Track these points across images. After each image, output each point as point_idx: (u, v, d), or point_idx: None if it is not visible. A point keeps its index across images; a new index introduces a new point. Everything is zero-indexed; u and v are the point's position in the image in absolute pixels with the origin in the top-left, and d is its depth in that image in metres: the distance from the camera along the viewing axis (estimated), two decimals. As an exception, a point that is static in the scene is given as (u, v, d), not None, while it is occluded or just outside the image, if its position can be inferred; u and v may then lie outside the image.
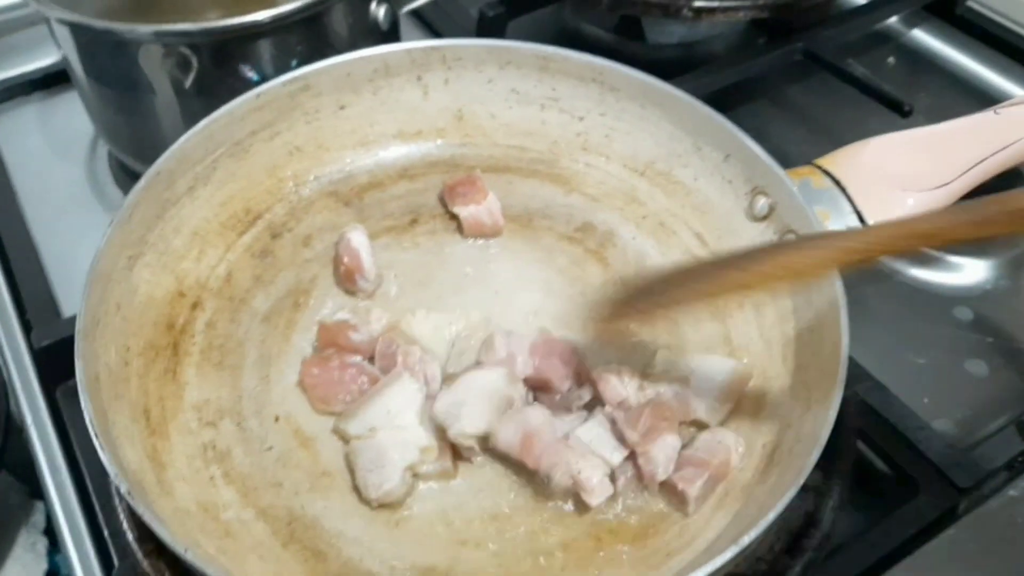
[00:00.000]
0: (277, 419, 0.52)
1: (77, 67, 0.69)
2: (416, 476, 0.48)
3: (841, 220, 0.55)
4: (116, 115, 0.71)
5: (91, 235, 0.52)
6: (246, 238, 0.60)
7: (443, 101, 0.65)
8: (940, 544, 0.51)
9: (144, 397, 0.49)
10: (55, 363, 0.59)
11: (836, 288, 0.49)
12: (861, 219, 0.54)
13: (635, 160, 0.63)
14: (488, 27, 0.84)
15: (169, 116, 0.53)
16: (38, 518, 0.71)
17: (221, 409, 0.52)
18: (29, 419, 0.60)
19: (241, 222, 0.60)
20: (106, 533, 0.52)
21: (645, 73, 0.61)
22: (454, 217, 0.62)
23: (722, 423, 0.51)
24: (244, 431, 0.51)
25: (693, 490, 0.46)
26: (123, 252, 0.52)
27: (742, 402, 0.52)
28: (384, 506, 0.48)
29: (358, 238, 0.57)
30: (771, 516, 0.39)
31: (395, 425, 0.48)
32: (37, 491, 0.72)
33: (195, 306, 0.56)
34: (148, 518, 0.39)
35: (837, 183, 0.55)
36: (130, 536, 0.42)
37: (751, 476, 0.49)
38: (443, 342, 0.54)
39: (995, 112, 0.65)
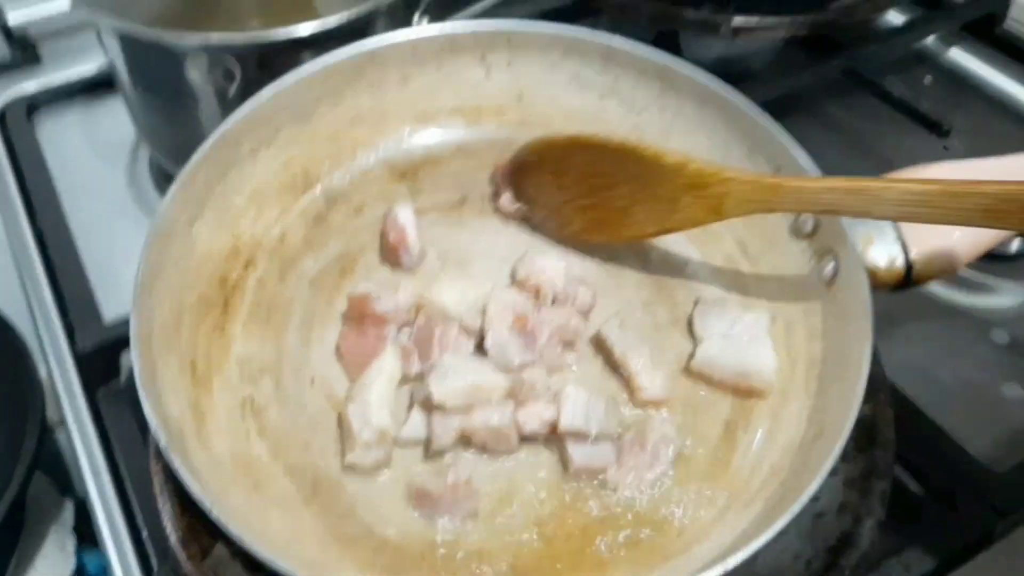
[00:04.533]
0: (313, 381, 0.55)
1: (123, 73, 0.71)
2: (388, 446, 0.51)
3: (884, 247, 0.54)
4: (160, 121, 0.74)
5: (132, 239, 0.53)
6: (302, 201, 0.62)
7: (505, 81, 0.66)
8: (977, 566, 0.52)
9: (193, 350, 0.53)
10: (97, 366, 0.63)
11: (866, 311, 0.50)
12: (904, 248, 0.54)
13: (687, 160, 0.63)
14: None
15: (212, 123, 0.56)
16: (67, 516, 0.74)
17: (263, 366, 0.55)
18: (71, 420, 0.64)
19: (299, 185, 0.62)
20: (145, 535, 0.56)
21: (708, 74, 0.61)
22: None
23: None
24: (281, 389, 0.54)
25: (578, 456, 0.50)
26: (185, 211, 0.55)
27: (757, 416, 0.53)
28: (400, 477, 0.51)
29: (405, 214, 0.59)
30: (756, 545, 0.41)
31: (361, 399, 0.50)
32: (66, 488, 0.76)
33: (248, 264, 0.59)
34: (181, 471, 0.43)
35: (887, 207, 0.55)
36: (172, 538, 0.45)
37: (756, 491, 0.50)
38: (471, 307, 0.56)
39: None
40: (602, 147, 0.57)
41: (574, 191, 0.59)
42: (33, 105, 0.90)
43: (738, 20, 0.80)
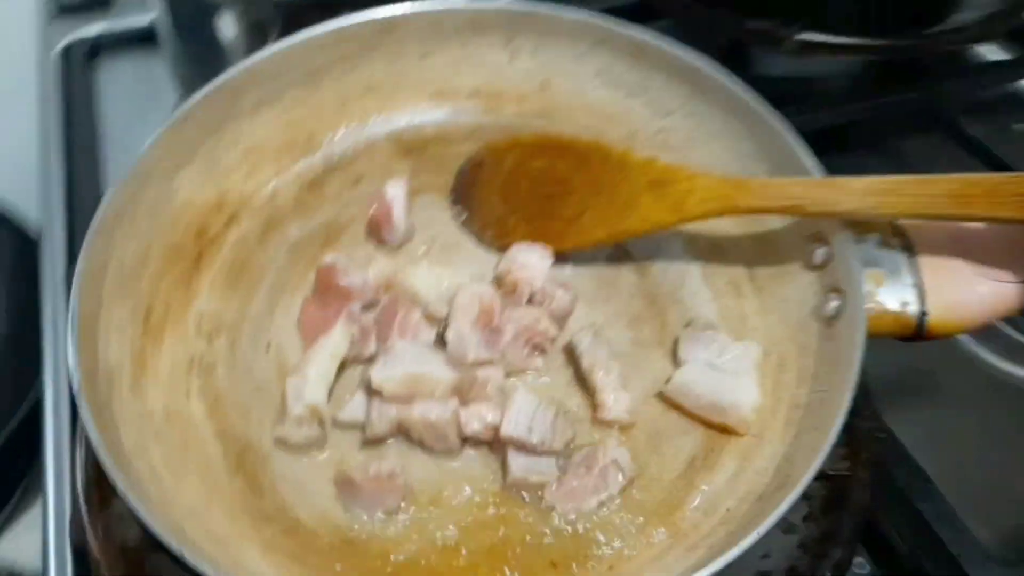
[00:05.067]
0: (268, 348, 0.53)
1: (164, 26, 0.72)
2: (320, 424, 0.48)
3: (897, 290, 0.48)
4: (195, 75, 0.72)
5: None
6: (300, 165, 0.61)
7: (529, 68, 0.63)
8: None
9: (152, 297, 0.52)
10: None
11: (856, 356, 0.44)
12: (921, 294, 0.48)
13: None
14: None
15: None
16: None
17: (221, 325, 0.53)
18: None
19: (300, 148, 0.61)
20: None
21: (738, 81, 0.56)
22: (507, 188, 0.60)
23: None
24: (235, 352, 0.53)
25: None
26: (169, 156, 0.54)
27: (726, 456, 0.49)
28: (333, 462, 0.48)
29: (395, 190, 0.57)
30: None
31: (300, 372, 0.48)
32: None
33: (231, 220, 0.57)
34: (85, 415, 0.41)
35: (909, 248, 0.49)
36: (80, 481, 0.44)
37: (703, 537, 0.45)
38: (442, 296, 0.53)
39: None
40: (569, 147, 0.56)
41: (523, 200, 0.57)
42: (96, 47, 0.92)
43: (804, 35, 0.74)
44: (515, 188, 0.57)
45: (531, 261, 0.54)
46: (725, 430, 0.50)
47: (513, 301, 0.53)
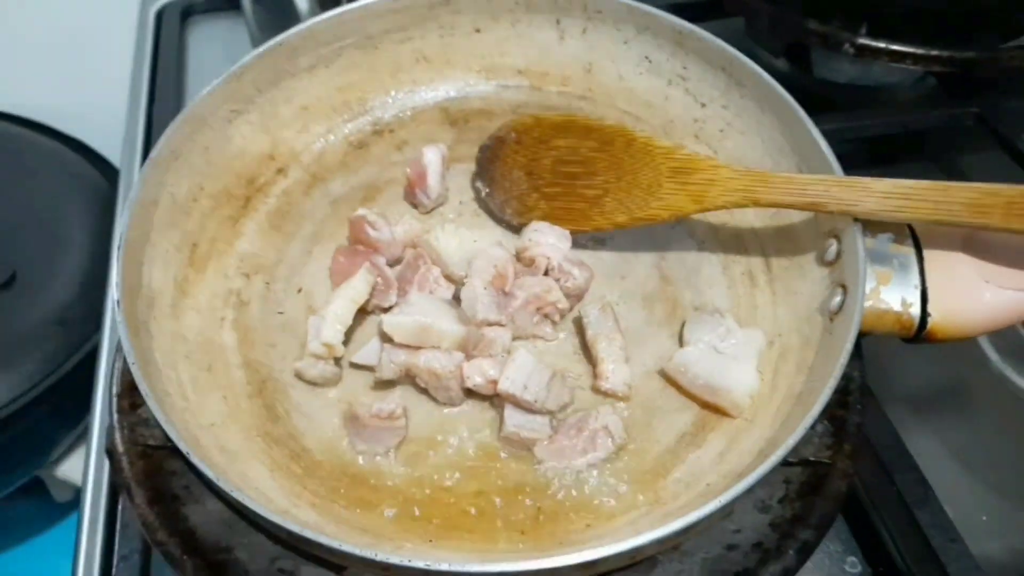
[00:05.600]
0: (300, 291, 0.57)
1: None
2: (335, 363, 0.52)
3: (901, 289, 0.49)
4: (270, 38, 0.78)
5: None
6: (350, 126, 0.64)
7: (576, 50, 0.65)
8: None
9: (199, 232, 0.56)
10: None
11: (845, 349, 0.45)
12: (924, 295, 0.49)
13: (738, 163, 0.60)
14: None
15: None
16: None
17: (260, 265, 0.58)
18: None
19: (351, 111, 0.64)
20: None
21: (769, 76, 0.57)
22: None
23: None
24: (269, 291, 0.57)
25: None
26: (226, 104, 0.58)
27: (716, 436, 0.50)
28: (344, 400, 0.52)
29: (432, 154, 0.60)
30: (636, 542, 0.39)
31: (321, 312, 0.51)
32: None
33: (280, 171, 0.61)
34: (121, 326, 0.46)
35: (919, 249, 0.50)
36: (115, 388, 0.48)
37: (680, 507, 0.47)
38: (463, 259, 0.56)
39: None
40: (595, 129, 0.57)
41: (545, 178, 0.59)
42: (188, 10, 0.99)
43: (864, 40, 0.74)
44: (538, 166, 0.59)
45: (549, 240, 0.56)
46: (718, 411, 0.51)
47: (531, 272, 0.55)
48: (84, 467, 0.61)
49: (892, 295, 0.49)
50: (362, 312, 0.54)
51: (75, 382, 0.94)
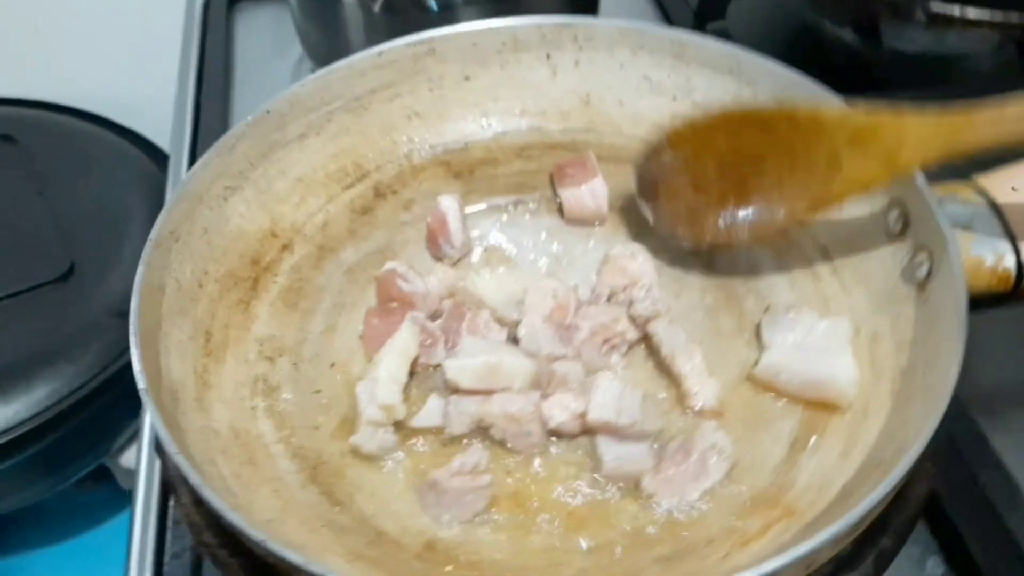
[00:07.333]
0: (333, 365, 0.51)
1: None
2: (395, 428, 0.45)
3: (990, 244, 0.46)
4: (311, 27, 0.79)
5: None
6: (350, 193, 0.60)
7: (571, 83, 0.63)
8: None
9: (210, 320, 0.50)
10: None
11: (959, 311, 0.42)
12: (1014, 243, 0.46)
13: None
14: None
15: (356, 34, 0.65)
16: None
17: (282, 347, 0.51)
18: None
19: (349, 177, 0.60)
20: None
21: (785, 65, 0.55)
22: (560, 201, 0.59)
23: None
24: (298, 371, 0.50)
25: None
26: (220, 180, 0.53)
27: (831, 433, 0.45)
28: (411, 469, 0.45)
29: (448, 203, 0.56)
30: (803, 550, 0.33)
31: (370, 376, 0.45)
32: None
33: (285, 248, 0.56)
34: (153, 415, 0.39)
35: (991, 202, 0.47)
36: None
37: (818, 515, 0.41)
38: (508, 300, 0.51)
39: None
40: (753, 117, 0.50)
41: (713, 187, 0.52)
42: None
43: (936, 6, 0.70)
44: (703, 175, 0.52)
45: (631, 267, 0.52)
46: (826, 407, 0.46)
47: (592, 299, 0.51)
48: (136, 462, 0.57)
49: (982, 248, 0.46)
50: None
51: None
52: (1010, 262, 0.46)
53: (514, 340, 0.49)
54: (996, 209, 0.47)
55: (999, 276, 0.46)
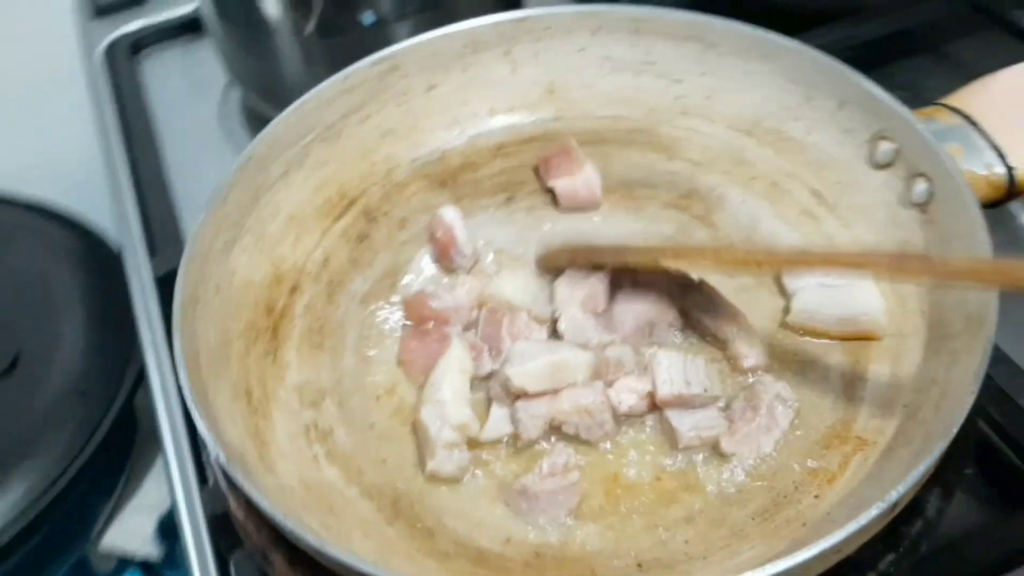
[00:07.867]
0: (379, 398, 0.50)
1: (209, 11, 0.74)
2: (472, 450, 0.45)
3: (977, 156, 0.49)
4: (243, 56, 0.76)
5: (219, 175, 0.53)
6: (342, 223, 0.58)
7: (533, 74, 0.63)
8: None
9: (245, 377, 0.49)
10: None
11: (975, 218, 0.44)
12: (1000, 153, 0.49)
13: (740, 119, 0.59)
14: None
15: (291, 60, 0.61)
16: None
17: (322, 389, 0.50)
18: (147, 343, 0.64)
19: (336, 206, 0.59)
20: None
21: (748, 24, 0.57)
22: (551, 191, 0.60)
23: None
24: (346, 410, 0.49)
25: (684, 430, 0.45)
26: (220, 235, 0.51)
27: (877, 358, 0.48)
28: (493, 482, 0.45)
29: (450, 214, 0.56)
30: (917, 473, 0.35)
31: (434, 399, 0.45)
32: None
33: (293, 290, 0.55)
34: (248, 488, 0.38)
35: (967, 119, 0.50)
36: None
37: (891, 440, 0.44)
38: (536, 298, 0.52)
39: None
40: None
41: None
42: (137, 43, 0.92)
43: None
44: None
45: None
46: (863, 337, 0.48)
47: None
48: (182, 540, 0.52)
49: (972, 162, 0.49)
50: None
51: (108, 450, 0.88)
52: (1000, 169, 0.49)
53: (556, 336, 0.49)
54: (973, 124, 0.50)
55: (993, 184, 0.49)
